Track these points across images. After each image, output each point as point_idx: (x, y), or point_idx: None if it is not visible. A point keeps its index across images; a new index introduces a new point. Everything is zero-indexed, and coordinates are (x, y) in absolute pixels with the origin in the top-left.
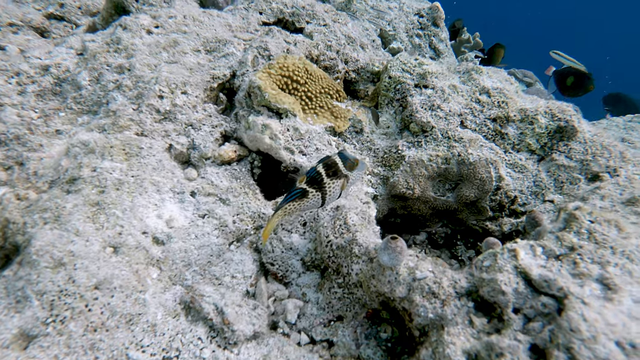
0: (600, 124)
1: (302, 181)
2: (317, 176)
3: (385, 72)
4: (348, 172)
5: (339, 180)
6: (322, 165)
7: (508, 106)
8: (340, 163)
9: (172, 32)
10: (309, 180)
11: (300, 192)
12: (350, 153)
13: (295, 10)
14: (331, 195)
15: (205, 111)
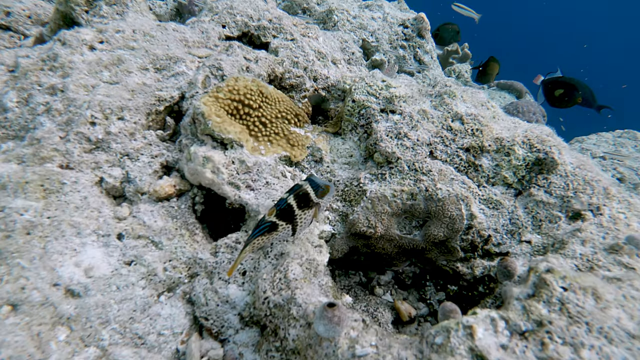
0: (590, 140)
1: (271, 214)
2: (287, 208)
3: (349, 94)
4: (319, 200)
5: (311, 210)
6: (293, 196)
7: (483, 135)
8: (312, 193)
9: (118, 48)
10: (279, 214)
11: (269, 225)
12: (320, 178)
13: (261, 24)
14: (302, 225)
15: (145, 139)
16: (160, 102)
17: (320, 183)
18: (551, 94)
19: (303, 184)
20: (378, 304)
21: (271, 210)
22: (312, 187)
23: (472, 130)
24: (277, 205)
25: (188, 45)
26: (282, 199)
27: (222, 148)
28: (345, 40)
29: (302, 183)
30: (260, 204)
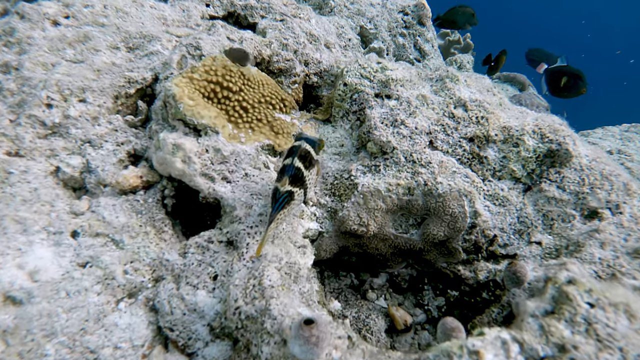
0: (595, 134)
1: (284, 183)
2: (297, 173)
3: (340, 78)
4: (318, 157)
5: (314, 168)
6: (297, 158)
7: (488, 123)
8: (312, 150)
9: (85, 25)
10: (292, 180)
11: (286, 195)
12: (310, 134)
13: (248, 3)
14: (310, 186)
15: (111, 124)
16: (130, 84)
17: (314, 139)
18: (555, 83)
19: (301, 143)
20: (370, 310)
21: (282, 180)
22: (310, 145)
23: (477, 118)
24: (286, 172)
25: (167, 24)
26: (288, 165)
27: (195, 135)
28: (342, 25)
29: (299, 143)
30: (237, 198)
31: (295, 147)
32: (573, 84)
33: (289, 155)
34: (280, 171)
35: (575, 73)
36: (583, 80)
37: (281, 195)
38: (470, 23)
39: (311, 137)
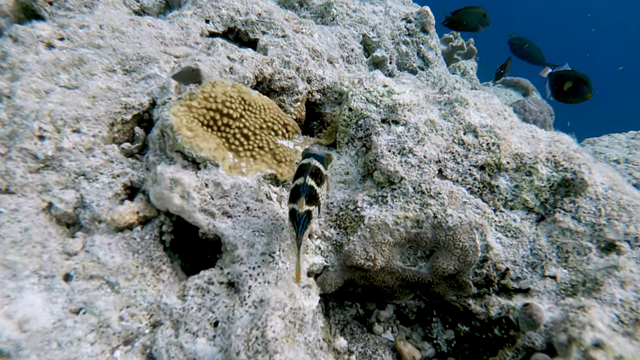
0: (602, 142)
1: (302, 204)
2: (311, 191)
3: (345, 102)
4: (326, 172)
5: (325, 184)
6: (309, 177)
7: (500, 150)
8: (321, 166)
9: (80, 47)
10: (308, 199)
11: (306, 215)
12: (317, 149)
13: (249, 19)
14: (322, 203)
15: (106, 155)
16: (127, 110)
17: (321, 154)
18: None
19: (310, 161)
20: (377, 345)
21: (299, 201)
22: (319, 161)
23: (488, 145)
24: (301, 192)
25: (165, 42)
26: (301, 185)
27: (194, 168)
28: (344, 35)
29: (308, 161)
30: (239, 236)
31: (305, 165)
32: (578, 88)
33: (300, 175)
34: (294, 192)
35: (580, 78)
36: (588, 85)
37: (301, 217)
38: (483, 24)
39: (319, 153)
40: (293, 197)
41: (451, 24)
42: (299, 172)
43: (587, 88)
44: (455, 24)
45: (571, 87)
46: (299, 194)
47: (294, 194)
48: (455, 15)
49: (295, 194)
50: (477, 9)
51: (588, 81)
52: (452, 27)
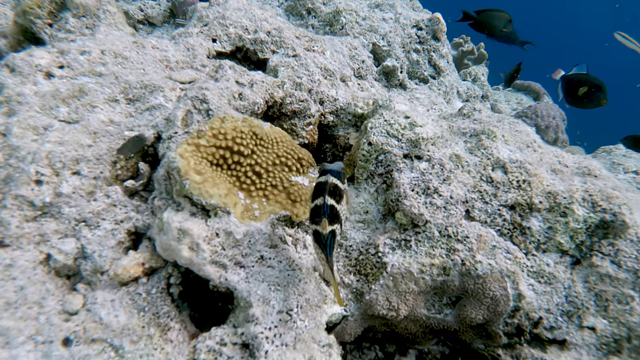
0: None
1: (325, 226)
2: (332, 210)
3: (364, 134)
4: (344, 186)
5: (344, 199)
6: (329, 196)
7: (531, 188)
8: (339, 182)
9: (81, 75)
10: (330, 220)
11: (331, 236)
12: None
13: (258, 37)
14: (344, 219)
15: (109, 198)
16: None
17: (337, 169)
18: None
19: (327, 178)
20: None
21: (322, 222)
22: (336, 178)
23: (518, 182)
24: (322, 213)
25: (170, 66)
26: (322, 205)
27: (204, 215)
28: (355, 46)
29: (325, 178)
30: (253, 291)
31: (323, 184)
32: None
33: (319, 194)
34: (315, 212)
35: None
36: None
37: (326, 238)
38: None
39: (335, 169)
40: (314, 218)
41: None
42: (317, 190)
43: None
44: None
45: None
46: (320, 215)
47: (315, 214)
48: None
49: (316, 215)
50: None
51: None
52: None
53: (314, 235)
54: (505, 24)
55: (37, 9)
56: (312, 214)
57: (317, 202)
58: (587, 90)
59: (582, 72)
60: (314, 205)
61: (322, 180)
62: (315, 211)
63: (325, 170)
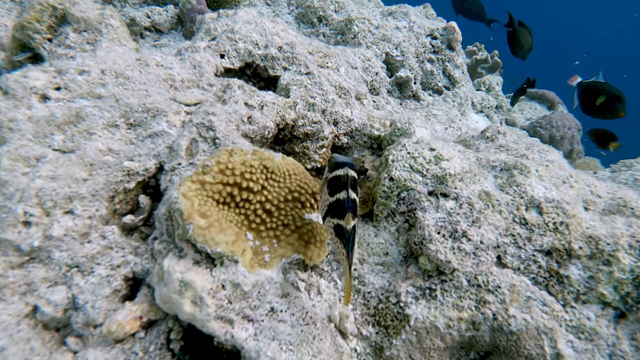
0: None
1: (349, 220)
2: (355, 205)
3: (385, 168)
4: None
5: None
6: (351, 190)
7: (570, 231)
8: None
9: (80, 97)
10: (353, 214)
11: (353, 231)
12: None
13: (269, 53)
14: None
15: (104, 239)
16: (130, 177)
17: (352, 162)
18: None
19: (346, 171)
20: None
21: (346, 216)
22: (352, 169)
23: (555, 225)
24: (347, 207)
25: (175, 86)
26: (346, 199)
27: (209, 263)
28: (368, 58)
29: (344, 171)
30: (262, 351)
31: (344, 177)
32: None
33: (341, 187)
34: (337, 206)
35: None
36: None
37: (350, 233)
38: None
39: (349, 161)
40: (336, 211)
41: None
42: (337, 184)
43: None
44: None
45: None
46: (344, 209)
47: (337, 208)
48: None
49: (339, 209)
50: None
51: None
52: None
53: (335, 230)
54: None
55: (35, 24)
56: (332, 207)
57: (340, 196)
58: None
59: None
60: (335, 199)
61: (341, 173)
62: (337, 205)
63: (340, 162)
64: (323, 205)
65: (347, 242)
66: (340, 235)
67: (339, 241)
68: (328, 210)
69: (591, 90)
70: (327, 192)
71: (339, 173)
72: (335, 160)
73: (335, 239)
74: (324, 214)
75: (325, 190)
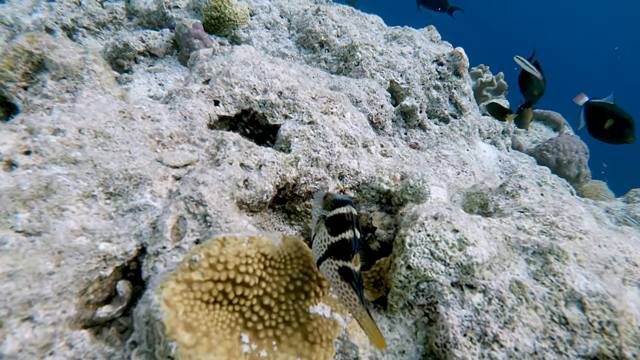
0: None
1: (357, 261)
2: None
3: (401, 253)
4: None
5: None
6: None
7: (619, 332)
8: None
9: (52, 163)
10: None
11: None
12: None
13: (268, 99)
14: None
15: (72, 348)
16: (107, 263)
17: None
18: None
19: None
20: None
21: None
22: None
23: (601, 324)
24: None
25: (162, 142)
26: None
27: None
28: (373, 90)
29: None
30: None
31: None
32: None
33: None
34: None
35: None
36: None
37: (358, 276)
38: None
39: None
40: (341, 252)
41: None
42: (339, 222)
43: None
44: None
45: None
46: (351, 249)
47: (341, 249)
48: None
49: (344, 250)
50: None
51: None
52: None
53: (340, 273)
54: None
55: (8, 72)
56: (335, 248)
57: (346, 236)
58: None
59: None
60: (340, 239)
61: (344, 211)
62: (341, 245)
63: (340, 200)
64: (321, 246)
65: (357, 285)
66: (348, 278)
67: (347, 285)
68: (329, 251)
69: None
70: (327, 232)
71: (342, 211)
72: (334, 198)
73: (341, 283)
74: (323, 255)
75: (323, 229)
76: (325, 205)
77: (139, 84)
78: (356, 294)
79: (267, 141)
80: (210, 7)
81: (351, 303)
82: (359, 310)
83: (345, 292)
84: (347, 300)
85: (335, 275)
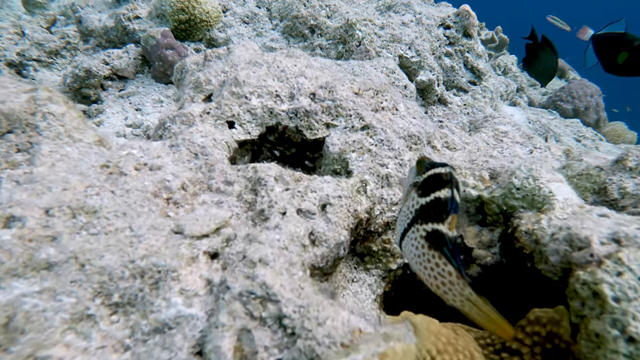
0: None
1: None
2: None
3: (600, 311)
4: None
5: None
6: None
7: None
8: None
9: (9, 277)
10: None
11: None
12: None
13: (299, 106)
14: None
15: None
16: None
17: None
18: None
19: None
20: None
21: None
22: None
23: None
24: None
25: (174, 200)
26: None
27: None
28: (393, 70)
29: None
30: None
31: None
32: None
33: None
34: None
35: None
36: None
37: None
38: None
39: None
40: (431, 214)
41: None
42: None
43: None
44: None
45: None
46: (444, 210)
47: (432, 210)
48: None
49: (436, 210)
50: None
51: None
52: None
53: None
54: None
55: None
56: (424, 210)
57: (441, 195)
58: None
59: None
60: (433, 199)
61: (442, 171)
62: (433, 206)
63: (437, 163)
64: (407, 212)
65: (452, 254)
66: (439, 245)
67: (437, 255)
68: (417, 217)
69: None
70: (416, 196)
71: (439, 171)
72: (430, 161)
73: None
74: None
75: (413, 195)
76: (419, 171)
77: (113, 114)
78: (451, 265)
79: (306, 161)
80: (176, 10)
81: (444, 281)
82: (457, 290)
83: (435, 267)
84: (437, 278)
85: (421, 246)
